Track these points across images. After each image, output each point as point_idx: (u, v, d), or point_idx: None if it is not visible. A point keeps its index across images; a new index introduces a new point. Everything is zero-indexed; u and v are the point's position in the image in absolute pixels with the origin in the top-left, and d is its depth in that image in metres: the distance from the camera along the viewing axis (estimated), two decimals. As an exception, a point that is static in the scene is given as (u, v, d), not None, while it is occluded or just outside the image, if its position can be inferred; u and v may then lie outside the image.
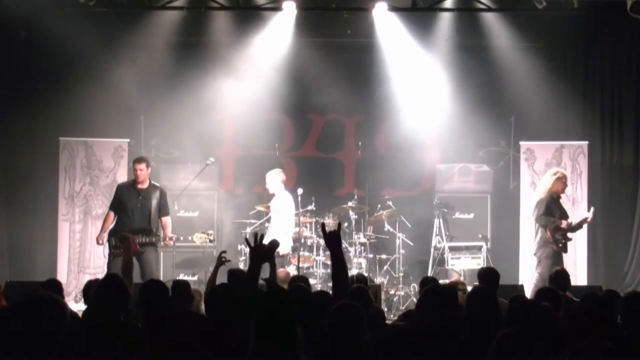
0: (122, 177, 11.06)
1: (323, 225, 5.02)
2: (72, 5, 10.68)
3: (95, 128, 11.39)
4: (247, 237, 9.40)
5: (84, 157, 11.33)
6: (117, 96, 11.33)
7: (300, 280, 6.26)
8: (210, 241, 9.71)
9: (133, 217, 9.20)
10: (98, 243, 9.38)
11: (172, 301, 5.14)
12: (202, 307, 6.27)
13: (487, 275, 6.60)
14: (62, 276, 10.68)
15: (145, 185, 9.31)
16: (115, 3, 10.99)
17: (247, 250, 9.79)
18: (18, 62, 11.34)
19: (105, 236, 9.28)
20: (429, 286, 5.22)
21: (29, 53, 11.28)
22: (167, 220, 9.42)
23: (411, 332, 4.15)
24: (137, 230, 9.00)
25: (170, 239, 9.29)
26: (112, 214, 9.41)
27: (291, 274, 8.72)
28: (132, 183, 9.42)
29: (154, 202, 9.26)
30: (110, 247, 9.16)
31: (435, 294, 5.20)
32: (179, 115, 11.49)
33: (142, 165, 9.27)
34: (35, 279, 9.32)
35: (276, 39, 11.48)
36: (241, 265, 10.20)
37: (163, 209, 9.39)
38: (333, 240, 4.71)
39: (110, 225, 9.37)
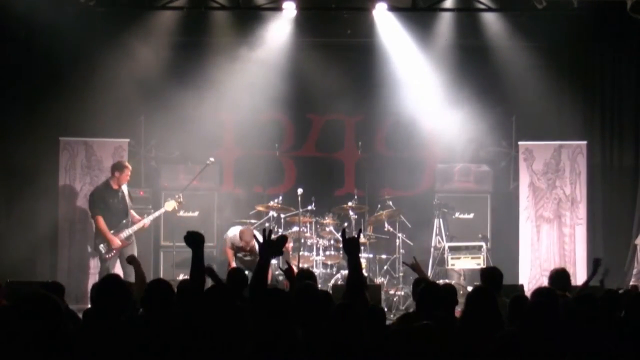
0: (122, 177, 11.09)
1: (344, 231, 5.01)
2: (72, 5, 10.67)
3: (95, 128, 11.38)
4: (256, 233, 9.43)
5: (84, 157, 11.33)
6: (117, 96, 11.32)
7: (308, 275, 6.15)
8: (179, 203, 10.19)
9: (117, 216, 9.96)
10: (122, 245, 9.85)
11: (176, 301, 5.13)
12: None
13: (490, 275, 6.57)
14: (62, 276, 10.65)
15: (118, 186, 10.02)
16: (115, 3, 10.97)
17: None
18: (18, 62, 11.33)
19: (101, 244, 9.90)
20: (423, 285, 5.21)
21: (29, 53, 11.26)
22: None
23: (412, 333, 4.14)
24: (121, 226, 9.94)
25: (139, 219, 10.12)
26: (101, 218, 9.90)
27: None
28: (107, 185, 10.06)
29: (128, 199, 10.10)
30: (101, 253, 9.86)
31: (433, 292, 5.20)
32: (179, 115, 11.49)
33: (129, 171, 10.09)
34: (36, 279, 9.33)
35: (276, 39, 11.48)
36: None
37: (131, 202, 10.26)
38: (352, 247, 4.71)
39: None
